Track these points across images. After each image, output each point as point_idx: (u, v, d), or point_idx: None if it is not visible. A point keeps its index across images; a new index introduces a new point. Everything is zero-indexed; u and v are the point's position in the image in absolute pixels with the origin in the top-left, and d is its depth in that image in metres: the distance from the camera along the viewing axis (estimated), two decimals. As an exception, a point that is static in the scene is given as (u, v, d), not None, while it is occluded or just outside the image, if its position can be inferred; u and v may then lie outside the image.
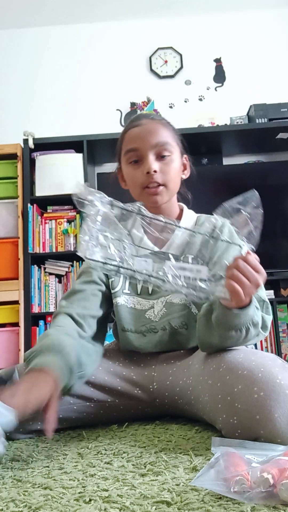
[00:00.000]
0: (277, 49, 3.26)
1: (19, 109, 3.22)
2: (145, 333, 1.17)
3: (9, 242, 2.78)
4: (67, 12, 3.19)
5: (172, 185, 1.18)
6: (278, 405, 0.81)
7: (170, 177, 1.17)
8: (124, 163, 1.21)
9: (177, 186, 1.22)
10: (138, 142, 1.16)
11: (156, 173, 1.14)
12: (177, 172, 1.20)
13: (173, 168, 1.17)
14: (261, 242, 1.40)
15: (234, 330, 0.94)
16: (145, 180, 1.15)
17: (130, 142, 1.18)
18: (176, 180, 1.21)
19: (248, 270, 0.87)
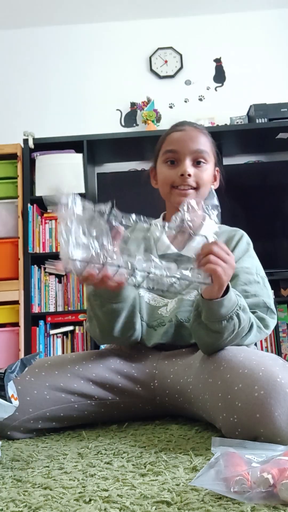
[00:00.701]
0: (277, 49, 3.26)
1: (19, 109, 3.22)
2: (156, 328, 1.20)
3: (9, 242, 2.77)
4: (67, 12, 3.19)
5: (202, 191, 1.24)
6: (278, 404, 0.81)
7: (202, 183, 1.23)
8: (161, 162, 1.27)
9: (206, 192, 1.26)
10: (179, 145, 1.23)
11: (190, 176, 1.21)
12: (209, 180, 1.26)
13: (206, 175, 1.24)
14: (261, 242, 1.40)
15: (226, 320, 0.96)
16: (178, 181, 1.22)
17: (171, 143, 1.25)
18: (207, 187, 1.26)
19: (223, 252, 0.92)
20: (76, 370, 1.12)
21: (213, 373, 0.96)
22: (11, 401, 0.82)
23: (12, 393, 0.83)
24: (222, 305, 0.94)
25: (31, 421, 1.05)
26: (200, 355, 1.08)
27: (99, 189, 2.96)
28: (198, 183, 1.22)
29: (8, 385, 0.83)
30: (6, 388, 0.82)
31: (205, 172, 1.24)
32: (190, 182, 1.21)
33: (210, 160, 1.26)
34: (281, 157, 3.09)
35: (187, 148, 1.22)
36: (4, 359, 2.65)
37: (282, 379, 0.84)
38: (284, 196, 2.91)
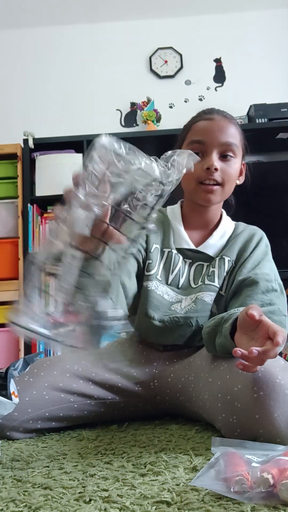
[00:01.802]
0: (277, 49, 3.26)
1: (19, 109, 3.22)
2: (168, 323, 1.14)
3: (9, 242, 2.77)
4: (67, 12, 3.19)
5: (228, 187, 1.17)
6: (277, 404, 0.81)
7: (228, 179, 1.15)
8: None
9: (231, 189, 1.21)
10: (207, 135, 1.14)
11: (216, 171, 1.13)
12: (236, 174, 1.19)
13: (234, 170, 1.17)
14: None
15: None
16: (203, 175, 1.13)
17: (197, 133, 1.16)
18: (233, 183, 1.20)
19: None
20: (75, 370, 1.12)
21: (213, 373, 0.96)
22: (12, 398, 0.82)
23: (13, 390, 0.83)
24: None
25: (31, 421, 1.05)
26: (201, 353, 1.08)
27: (99, 189, 2.96)
28: (224, 178, 1.14)
29: (10, 382, 0.83)
30: (8, 385, 0.82)
31: (233, 166, 1.16)
32: (216, 177, 1.13)
33: (239, 154, 1.18)
34: (281, 157, 3.09)
35: (215, 140, 1.13)
36: (4, 359, 2.64)
37: (281, 380, 0.83)
38: (284, 196, 2.91)
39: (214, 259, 1.20)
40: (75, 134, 2.95)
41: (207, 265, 1.20)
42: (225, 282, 1.18)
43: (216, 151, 1.13)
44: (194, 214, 1.24)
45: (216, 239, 1.22)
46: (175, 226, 1.24)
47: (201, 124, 1.17)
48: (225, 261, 1.19)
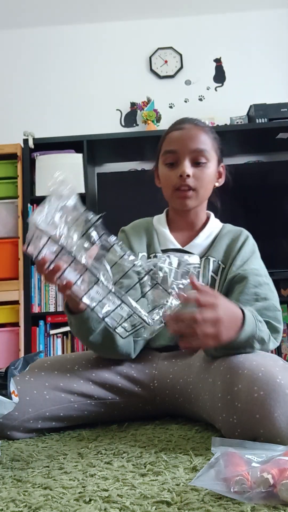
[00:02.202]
0: (277, 49, 3.26)
1: (19, 109, 3.22)
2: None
3: (9, 242, 2.77)
4: (67, 12, 3.19)
5: (202, 191, 1.22)
6: (278, 404, 0.81)
7: (202, 183, 1.20)
8: (161, 163, 1.25)
9: (207, 193, 1.25)
10: (177, 145, 1.20)
11: (189, 177, 1.18)
12: (210, 179, 1.23)
13: (206, 175, 1.21)
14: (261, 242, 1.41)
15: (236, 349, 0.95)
16: (177, 182, 1.19)
17: (170, 144, 1.22)
18: (208, 187, 1.24)
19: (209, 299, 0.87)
20: (75, 370, 1.12)
21: (213, 373, 0.96)
22: (11, 397, 0.82)
23: (13, 389, 0.84)
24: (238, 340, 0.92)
25: (31, 421, 1.05)
26: (201, 356, 1.08)
27: (99, 189, 2.96)
28: (197, 184, 1.19)
29: (10, 381, 0.83)
30: (8, 384, 0.82)
31: (206, 171, 1.21)
32: (189, 183, 1.18)
33: (212, 159, 1.22)
34: (281, 157, 3.09)
35: (185, 148, 1.19)
36: (4, 359, 2.65)
37: (282, 379, 0.84)
38: (284, 196, 2.91)
39: (200, 259, 1.23)
40: (75, 134, 2.95)
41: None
42: (216, 283, 1.20)
43: (187, 158, 1.19)
44: (178, 217, 1.29)
45: (202, 239, 1.25)
46: (159, 230, 1.29)
47: (173, 135, 1.22)
48: (210, 262, 1.22)
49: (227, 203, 1.35)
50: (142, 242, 1.27)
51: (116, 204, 2.83)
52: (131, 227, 1.32)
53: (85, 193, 2.81)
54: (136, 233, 1.30)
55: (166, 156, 1.22)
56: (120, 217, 1.37)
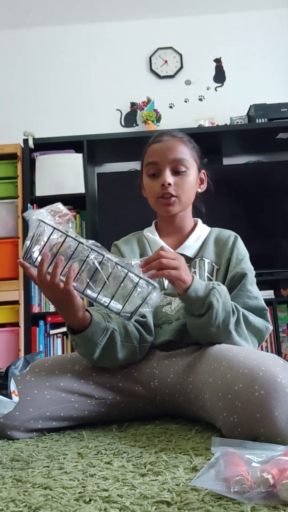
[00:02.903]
0: (277, 49, 3.26)
1: (19, 109, 3.22)
2: (162, 325, 1.22)
3: (9, 242, 2.77)
4: (67, 12, 3.19)
5: (184, 198, 1.27)
6: (278, 403, 0.81)
7: (183, 190, 1.26)
8: (144, 174, 1.31)
9: (190, 199, 1.31)
10: (157, 156, 1.27)
11: (170, 186, 1.24)
12: (191, 186, 1.29)
13: (187, 182, 1.27)
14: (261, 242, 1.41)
15: (202, 306, 1.05)
16: (160, 191, 1.26)
17: (150, 156, 1.29)
18: (190, 194, 1.29)
19: (171, 255, 1.02)
20: (76, 370, 1.12)
21: (214, 373, 0.96)
22: (11, 397, 0.83)
23: (13, 389, 0.84)
24: (190, 295, 1.04)
25: (31, 420, 1.05)
26: (201, 355, 1.08)
27: (99, 189, 2.96)
28: (178, 191, 1.25)
29: (11, 381, 0.83)
30: (8, 384, 0.82)
31: (186, 179, 1.26)
32: (171, 191, 1.24)
33: (191, 167, 1.28)
34: (281, 157, 3.09)
35: (165, 159, 1.25)
36: (4, 359, 2.65)
37: (282, 379, 0.84)
38: (284, 196, 2.91)
39: (193, 260, 1.28)
40: (75, 134, 2.95)
41: (187, 266, 1.24)
42: None
43: (168, 168, 1.25)
44: (166, 224, 1.35)
45: (192, 241, 1.31)
46: (150, 238, 1.35)
47: (153, 147, 1.29)
48: (205, 263, 1.27)
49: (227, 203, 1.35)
50: (134, 252, 1.33)
51: (116, 204, 2.83)
52: (123, 241, 1.38)
53: (85, 193, 2.81)
54: (127, 244, 1.35)
55: (148, 168, 1.28)
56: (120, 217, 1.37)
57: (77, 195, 2.81)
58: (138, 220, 1.44)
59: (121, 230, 1.49)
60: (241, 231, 1.32)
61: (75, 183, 2.82)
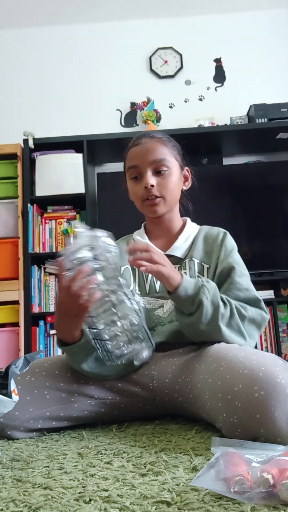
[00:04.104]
0: (277, 49, 3.26)
1: (19, 109, 3.22)
2: (154, 328, 1.22)
3: (9, 242, 2.77)
4: (67, 12, 3.19)
5: (169, 197, 1.27)
6: (278, 404, 0.81)
7: (167, 190, 1.26)
8: (127, 179, 1.31)
9: (175, 197, 1.30)
10: (137, 160, 1.26)
11: (153, 187, 1.24)
12: (175, 185, 1.28)
13: (170, 182, 1.26)
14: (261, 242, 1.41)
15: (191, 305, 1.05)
16: (144, 194, 1.25)
17: (131, 160, 1.29)
18: (174, 192, 1.29)
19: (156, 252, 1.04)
20: (76, 370, 1.12)
21: (213, 374, 0.96)
22: (11, 396, 0.83)
23: (13, 388, 0.84)
24: (179, 294, 1.04)
25: (31, 420, 1.05)
26: (200, 356, 1.08)
27: (99, 189, 2.96)
28: (162, 191, 1.25)
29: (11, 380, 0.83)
30: (9, 383, 0.82)
31: (169, 178, 1.26)
32: (155, 192, 1.24)
33: (172, 166, 1.27)
34: (281, 157, 3.09)
35: (145, 161, 1.25)
36: (4, 359, 2.65)
37: (282, 379, 0.84)
38: (284, 196, 2.91)
39: (183, 261, 1.27)
40: (75, 134, 2.95)
41: (178, 267, 1.27)
42: None
43: (149, 170, 1.25)
44: (154, 226, 1.35)
45: (181, 242, 1.30)
46: (139, 240, 1.35)
47: (133, 151, 1.29)
48: (195, 263, 1.26)
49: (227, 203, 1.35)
50: (124, 256, 1.29)
51: (116, 204, 2.82)
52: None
53: (85, 193, 2.81)
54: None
55: (129, 172, 1.28)
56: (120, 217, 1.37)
57: (77, 195, 2.81)
58: (138, 220, 1.43)
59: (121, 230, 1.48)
60: (241, 231, 1.31)
61: (75, 183, 2.82)
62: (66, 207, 2.91)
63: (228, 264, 1.20)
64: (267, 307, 2.76)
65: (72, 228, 1.01)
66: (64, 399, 1.08)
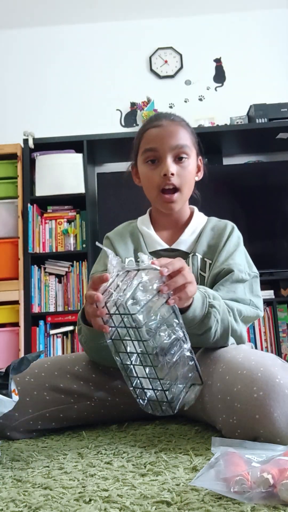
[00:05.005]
0: (277, 49, 3.26)
1: (19, 109, 3.22)
2: None
3: (9, 242, 2.77)
4: (67, 12, 3.19)
5: (186, 190, 1.20)
6: (277, 404, 0.81)
7: (185, 181, 1.18)
8: (141, 162, 1.21)
9: (191, 190, 1.23)
10: (158, 142, 1.17)
11: (173, 176, 1.15)
12: (192, 175, 1.21)
13: (189, 172, 1.19)
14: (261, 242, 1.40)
15: (198, 327, 0.97)
16: (161, 182, 1.16)
17: (149, 141, 1.19)
18: (191, 184, 1.22)
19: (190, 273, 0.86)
20: (75, 371, 1.12)
21: (212, 375, 0.96)
22: (12, 396, 0.82)
23: (14, 387, 0.84)
24: (194, 309, 0.93)
25: (31, 421, 1.05)
26: (199, 357, 1.08)
27: (99, 189, 2.96)
28: (181, 182, 1.17)
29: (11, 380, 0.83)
30: (9, 383, 0.82)
31: (188, 167, 1.18)
32: (174, 181, 1.16)
33: (192, 153, 1.20)
34: (281, 157, 3.09)
35: (166, 145, 1.16)
36: (4, 359, 2.65)
37: (281, 379, 0.83)
38: (284, 196, 2.91)
39: (188, 256, 1.21)
40: (75, 134, 2.95)
41: None
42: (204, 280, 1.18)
43: (169, 155, 1.16)
44: (162, 217, 1.26)
45: (187, 235, 1.23)
46: (145, 232, 1.27)
47: (151, 132, 1.19)
48: (198, 259, 1.20)
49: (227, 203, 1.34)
50: (128, 247, 1.25)
51: (116, 204, 2.83)
52: (116, 233, 1.30)
53: (85, 193, 2.81)
54: (121, 238, 1.28)
55: (146, 155, 1.18)
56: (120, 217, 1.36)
57: (77, 195, 2.81)
58: (138, 220, 1.43)
59: (121, 230, 1.48)
60: (241, 231, 1.29)
61: (75, 183, 2.82)
62: (66, 207, 2.91)
63: (227, 266, 1.15)
64: (267, 307, 2.77)
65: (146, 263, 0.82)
66: (64, 400, 1.07)
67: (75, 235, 2.85)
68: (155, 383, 0.81)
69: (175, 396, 0.81)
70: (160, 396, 0.81)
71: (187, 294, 0.85)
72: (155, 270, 0.81)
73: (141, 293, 0.79)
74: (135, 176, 1.29)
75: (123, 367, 0.84)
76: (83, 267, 2.82)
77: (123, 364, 0.83)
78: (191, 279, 0.85)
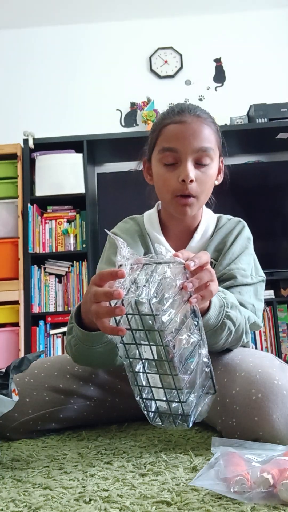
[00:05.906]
0: (277, 49, 3.26)
1: (19, 109, 3.22)
2: None
3: (9, 242, 2.78)
4: (67, 12, 3.19)
5: (204, 197, 1.09)
6: (276, 406, 0.80)
7: (204, 189, 1.07)
8: (157, 161, 1.08)
9: (208, 195, 1.12)
10: (179, 143, 1.03)
11: (192, 183, 1.03)
12: (212, 180, 1.10)
13: (209, 178, 1.08)
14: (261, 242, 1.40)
15: (218, 327, 0.89)
16: (178, 188, 1.04)
17: (169, 140, 1.05)
18: (209, 191, 1.11)
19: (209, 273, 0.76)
20: (75, 371, 1.12)
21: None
22: (12, 395, 0.82)
23: (14, 387, 0.84)
24: (208, 317, 0.86)
25: (31, 422, 1.04)
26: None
27: (99, 189, 2.96)
28: (200, 189, 1.06)
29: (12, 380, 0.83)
30: (10, 382, 0.82)
31: (209, 173, 1.07)
32: (192, 189, 1.04)
33: (215, 156, 1.09)
34: (281, 157, 3.09)
35: (189, 147, 1.03)
36: (4, 359, 2.65)
37: (279, 380, 0.83)
38: (284, 196, 2.91)
39: None
40: (75, 134, 2.95)
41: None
42: None
43: (190, 159, 1.03)
44: (173, 222, 1.17)
45: (196, 241, 1.16)
46: (154, 237, 1.17)
47: (172, 129, 1.04)
48: None
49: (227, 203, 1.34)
50: (139, 249, 1.16)
51: (116, 204, 2.83)
52: (123, 232, 1.19)
53: (85, 193, 2.81)
54: (130, 238, 1.17)
55: (164, 154, 1.05)
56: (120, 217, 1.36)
57: (77, 195, 2.81)
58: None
59: (121, 230, 1.48)
60: (241, 231, 1.29)
61: (75, 183, 2.82)
62: (66, 207, 2.91)
63: (229, 271, 1.09)
64: (267, 307, 2.77)
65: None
66: (63, 401, 1.07)
67: (75, 235, 2.85)
68: (170, 393, 0.72)
69: (191, 408, 0.72)
70: (175, 409, 0.73)
71: (211, 293, 0.76)
72: (180, 264, 0.71)
73: (166, 290, 0.69)
74: (147, 173, 1.16)
75: (133, 375, 0.75)
76: (83, 267, 2.82)
77: (133, 372, 0.74)
78: (215, 276, 0.77)
